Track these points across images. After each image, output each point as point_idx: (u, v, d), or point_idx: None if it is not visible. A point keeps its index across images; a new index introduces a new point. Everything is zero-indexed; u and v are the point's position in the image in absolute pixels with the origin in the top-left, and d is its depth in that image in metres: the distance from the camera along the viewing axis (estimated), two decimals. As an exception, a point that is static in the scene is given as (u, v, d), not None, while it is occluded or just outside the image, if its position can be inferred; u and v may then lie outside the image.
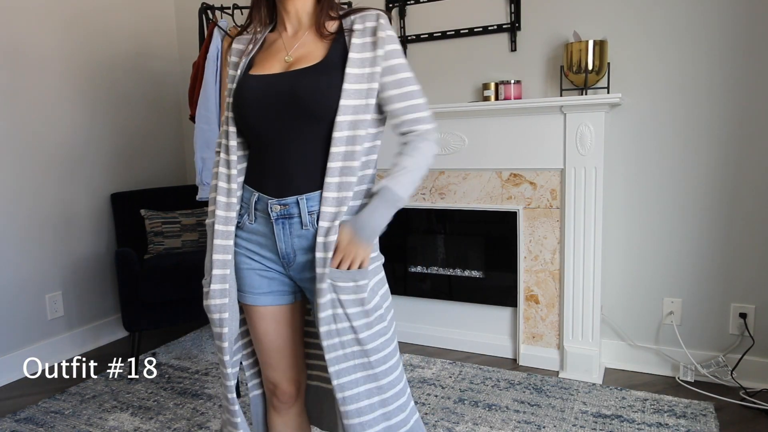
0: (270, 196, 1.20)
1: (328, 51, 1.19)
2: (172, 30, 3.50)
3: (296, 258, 1.22)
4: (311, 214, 1.19)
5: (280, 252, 1.22)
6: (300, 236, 1.20)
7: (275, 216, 1.20)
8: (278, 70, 1.20)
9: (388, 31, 1.18)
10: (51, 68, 2.78)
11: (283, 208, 1.19)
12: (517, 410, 2.19)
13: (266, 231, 1.23)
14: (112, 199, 3.03)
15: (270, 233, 1.22)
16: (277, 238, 1.21)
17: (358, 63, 1.16)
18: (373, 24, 1.18)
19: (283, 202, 1.19)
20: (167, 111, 3.47)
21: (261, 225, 1.23)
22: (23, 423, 2.24)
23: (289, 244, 1.21)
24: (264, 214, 1.22)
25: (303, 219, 1.19)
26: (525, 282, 2.59)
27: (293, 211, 1.19)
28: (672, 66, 2.32)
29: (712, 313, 2.40)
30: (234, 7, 2.34)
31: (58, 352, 2.85)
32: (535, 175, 2.49)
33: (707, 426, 2.02)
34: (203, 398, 2.38)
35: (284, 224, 1.20)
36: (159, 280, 2.56)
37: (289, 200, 1.19)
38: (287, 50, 1.22)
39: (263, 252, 1.24)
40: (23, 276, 2.70)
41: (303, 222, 1.19)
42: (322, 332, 1.16)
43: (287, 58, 1.20)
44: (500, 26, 2.60)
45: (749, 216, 2.28)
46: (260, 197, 1.22)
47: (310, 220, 1.19)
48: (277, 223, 1.20)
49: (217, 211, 1.23)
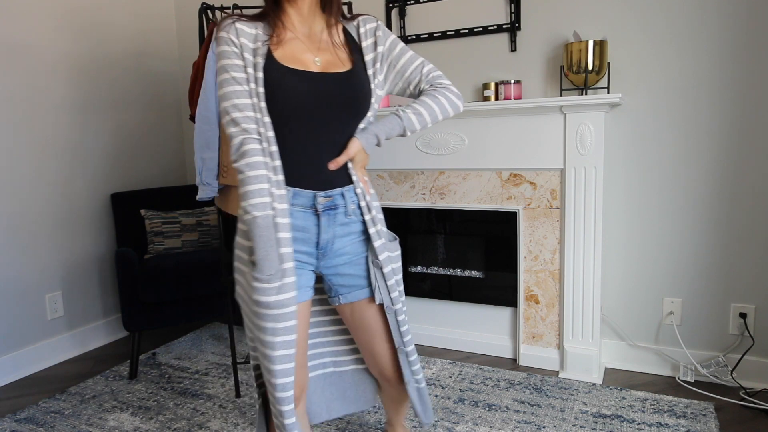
0: (312, 190, 1.26)
1: (350, 55, 1.31)
2: (172, 30, 3.50)
3: (333, 245, 1.30)
4: (352, 204, 1.30)
5: (321, 242, 1.29)
6: (343, 224, 1.30)
7: (322, 208, 1.27)
8: (315, 69, 1.25)
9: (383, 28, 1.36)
10: (51, 68, 2.78)
11: (329, 200, 1.27)
12: (517, 410, 2.19)
13: (304, 224, 1.27)
14: (112, 199, 3.03)
15: (310, 226, 1.28)
16: (321, 229, 1.28)
17: (371, 63, 1.31)
18: (373, 25, 1.34)
19: (328, 194, 1.27)
20: (167, 111, 3.47)
21: (299, 219, 1.26)
22: (23, 423, 2.24)
23: (331, 233, 1.29)
24: (303, 208, 1.26)
25: (348, 209, 1.30)
26: (525, 282, 2.59)
27: (338, 202, 1.28)
28: (672, 66, 2.32)
29: (712, 313, 2.40)
30: (234, 7, 2.34)
31: (58, 352, 2.85)
32: (535, 175, 2.49)
33: (707, 426, 2.02)
34: (203, 398, 2.39)
35: (329, 215, 1.28)
36: (159, 280, 2.56)
37: (333, 192, 1.28)
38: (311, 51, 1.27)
39: (297, 246, 1.27)
40: (23, 276, 2.70)
41: (347, 212, 1.30)
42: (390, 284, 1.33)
43: (317, 60, 1.26)
44: (500, 26, 2.60)
45: (749, 216, 2.28)
46: (298, 192, 1.25)
47: (353, 210, 1.30)
48: (323, 215, 1.27)
49: (276, 204, 1.20)
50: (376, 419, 2.16)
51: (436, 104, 1.34)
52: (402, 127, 1.33)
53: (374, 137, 1.30)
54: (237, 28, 1.22)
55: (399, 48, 1.35)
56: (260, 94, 1.21)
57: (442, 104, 1.35)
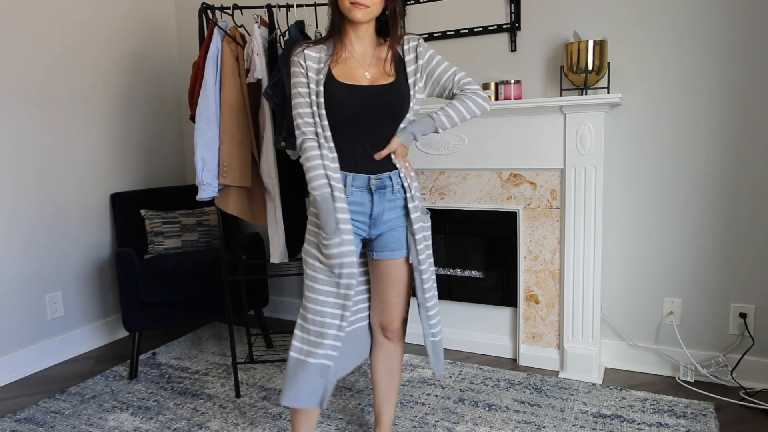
0: (367, 174, 1.63)
1: (395, 69, 1.64)
2: (172, 30, 3.50)
3: (383, 217, 1.67)
4: (398, 184, 1.66)
5: (374, 214, 1.66)
6: (390, 200, 1.67)
7: (375, 188, 1.63)
8: (365, 82, 1.61)
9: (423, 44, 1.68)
10: (51, 68, 2.78)
11: (379, 182, 1.64)
12: (517, 410, 2.19)
13: (361, 200, 1.65)
14: (112, 199, 3.03)
15: (365, 202, 1.65)
16: (374, 204, 1.65)
17: (412, 73, 1.65)
18: (415, 43, 1.67)
19: (379, 177, 1.64)
20: (167, 111, 3.47)
21: (357, 197, 1.64)
22: (23, 423, 2.24)
23: (381, 207, 1.66)
24: (360, 188, 1.63)
25: (394, 188, 1.66)
26: (525, 282, 2.59)
27: (386, 183, 1.65)
28: (672, 66, 2.32)
29: (712, 313, 2.40)
30: (234, 7, 2.34)
31: (58, 352, 2.85)
32: (535, 175, 2.49)
33: (707, 426, 2.02)
34: (203, 398, 2.39)
35: (380, 193, 1.65)
36: (159, 280, 2.56)
37: (383, 176, 1.64)
38: (363, 67, 1.63)
39: (356, 217, 1.66)
40: (23, 276, 2.70)
41: (393, 190, 1.66)
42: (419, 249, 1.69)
43: (367, 75, 1.62)
44: (500, 26, 2.60)
45: (749, 216, 2.28)
46: (356, 176, 1.62)
47: (398, 188, 1.66)
48: (376, 193, 1.64)
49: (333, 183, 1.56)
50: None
51: (463, 107, 1.67)
52: (434, 126, 1.67)
53: (411, 135, 1.66)
54: (305, 54, 1.61)
55: (435, 60, 1.68)
56: (320, 104, 1.58)
57: (468, 106, 1.67)
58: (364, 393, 2.38)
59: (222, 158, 2.13)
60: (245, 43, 2.24)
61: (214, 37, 2.13)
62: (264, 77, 2.15)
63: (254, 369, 2.65)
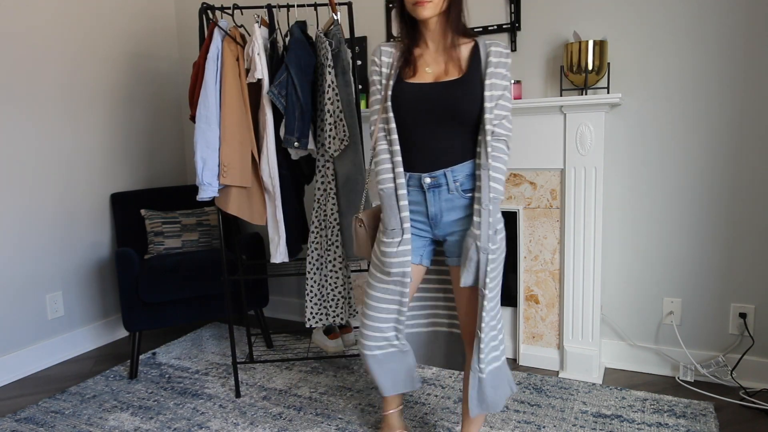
0: (420, 173, 1.60)
1: (469, 65, 1.56)
2: (172, 30, 3.50)
3: (443, 218, 1.62)
4: (455, 182, 1.58)
5: (430, 213, 1.62)
6: (447, 200, 1.60)
7: (427, 186, 1.59)
8: (428, 80, 1.57)
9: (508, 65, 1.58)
10: (51, 68, 2.78)
11: (433, 180, 1.58)
12: (517, 410, 2.19)
13: (417, 200, 1.63)
14: (112, 199, 3.03)
15: (420, 200, 1.62)
16: (429, 202, 1.61)
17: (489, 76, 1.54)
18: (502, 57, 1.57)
19: (432, 175, 1.58)
20: (167, 111, 3.47)
21: (413, 195, 1.63)
22: (23, 423, 2.24)
23: (438, 206, 1.61)
24: (415, 187, 1.61)
25: (449, 186, 1.59)
26: (525, 282, 2.59)
27: (441, 181, 1.59)
28: (672, 66, 2.33)
29: (711, 313, 2.40)
30: (234, 7, 2.34)
31: (58, 352, 2.85)
32: (535, 175, 2.49)
33: (707, 426, 2.02)
34: (203, 398, 2.39)
35: (434, 192, 1.60)
36: (159, 280, 2.56)
37: (437, 173, 1.58)
38: (429, 64, 1.59)
39: (415, 216, 1.65)
40: (23, 276, 2.70)
41: (449, 188, 1.59)
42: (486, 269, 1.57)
43: (428, 70, 1.58)
44: (500, 26, 2.60)
45: (749, 216, 2.28)
46: (412, 175, 1.61)
47: (455, 187, 1.59)
48: (429, 192, 1.60)
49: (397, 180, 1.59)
50: (376, 418, 2.16)
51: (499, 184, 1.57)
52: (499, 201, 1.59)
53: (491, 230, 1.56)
54: (381, 50, 1.64)
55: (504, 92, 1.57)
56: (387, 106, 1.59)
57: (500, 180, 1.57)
58: (364, 393, 2.38)
59: (222, 158, 2.13)
60: (245, 43, 2.24)
61: (215, 37, 2.13)
62: (264, 77, 2.15)
63: (254, 369, 2.65)
